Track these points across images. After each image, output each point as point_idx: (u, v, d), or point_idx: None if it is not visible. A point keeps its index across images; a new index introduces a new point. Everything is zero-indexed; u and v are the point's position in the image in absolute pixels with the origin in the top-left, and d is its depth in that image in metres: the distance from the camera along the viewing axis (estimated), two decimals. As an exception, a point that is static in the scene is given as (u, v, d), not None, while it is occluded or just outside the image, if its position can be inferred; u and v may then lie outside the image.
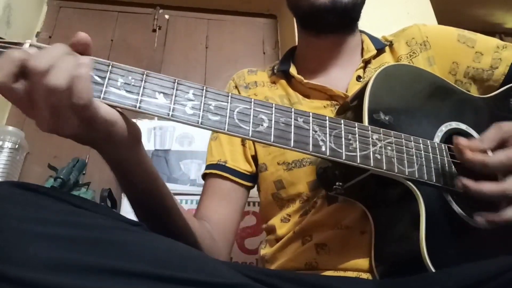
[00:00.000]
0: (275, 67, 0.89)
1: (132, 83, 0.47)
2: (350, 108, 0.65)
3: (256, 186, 0.84)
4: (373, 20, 0.87)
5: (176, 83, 0.48)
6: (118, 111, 0.47)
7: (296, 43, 0.91)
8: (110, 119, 0.45)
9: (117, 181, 0.55)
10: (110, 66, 0.47)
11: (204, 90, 0.49)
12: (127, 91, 0.46)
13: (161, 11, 2.01)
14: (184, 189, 1.37)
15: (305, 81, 0.80)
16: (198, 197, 1.34)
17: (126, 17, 1.97)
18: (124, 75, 0.47)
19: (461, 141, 0.55)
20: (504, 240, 0.58)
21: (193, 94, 0.48)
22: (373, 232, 0.63)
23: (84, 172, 1.41)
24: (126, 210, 1.24)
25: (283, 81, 0.85)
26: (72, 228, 0.40)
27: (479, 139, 0.56)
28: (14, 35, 1.63)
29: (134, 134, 0.50)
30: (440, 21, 1.70)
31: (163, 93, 0.47)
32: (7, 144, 1.42)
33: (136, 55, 1.87)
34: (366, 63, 0.81)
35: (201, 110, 0.48)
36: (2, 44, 0.44)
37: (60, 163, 1.37)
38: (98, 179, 1.47)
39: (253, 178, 0.82)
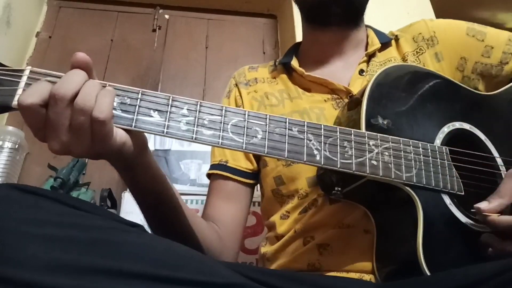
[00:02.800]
0: (277, 60, 0.89)
1: (128, 103, 0.47)
2: (355, 107, 0.63)
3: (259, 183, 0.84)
4: (373, 20, 0.87)
5: (170, 100, 0.49)
6: None
7: (296, 43, 0.91)
8: (120, 137, 0.47)
9: (124, 184, 0.57)
10: (107, 86, 0.48)
11: (199, 105, 0.50)
12: (122, 110, 0.47)
13: (161, 11, 2.01)
14: (184, 189, 1.36)
15: (306, 73, 0.79)
16: (198, 197, 1.36)
17: (126, 17, 1.97)
18: (119, 95, 0.48)
19: (481, 208, 0.53)
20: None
21: (187, 109, 0.49)
22: (375, 233, 0.63)
23: (84, 172, 1.40)
24: (126, 210, 1.24)
25: (284, 75, 0.84)
26: (70, 229, 0.40)
27: (495, 195, 0.54)
28: (14, 35, 1.63)
29: (141, 143, 0.52)
30: (440, 21, 1.70)
31: (158, 110, 0.48)
32: (7, 144, 1.42)
33: (136, 55, 1.87)
34: (370, 56, 0.80)
35: (195, 125, 0.49)
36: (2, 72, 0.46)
37: (60, 163, 1.37)
38: (98, 179, 1.47)
39: (255, 176, 0.82)
